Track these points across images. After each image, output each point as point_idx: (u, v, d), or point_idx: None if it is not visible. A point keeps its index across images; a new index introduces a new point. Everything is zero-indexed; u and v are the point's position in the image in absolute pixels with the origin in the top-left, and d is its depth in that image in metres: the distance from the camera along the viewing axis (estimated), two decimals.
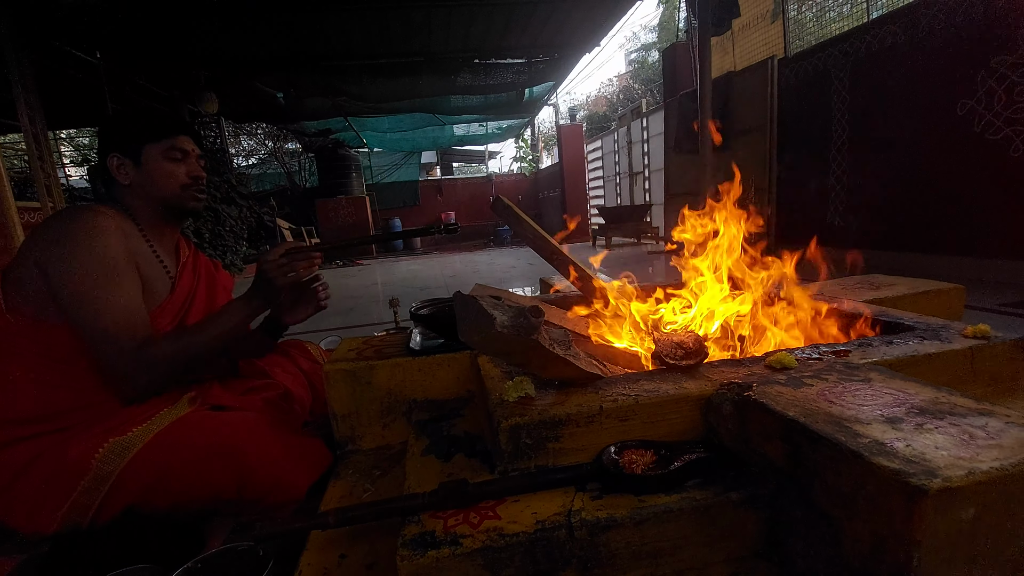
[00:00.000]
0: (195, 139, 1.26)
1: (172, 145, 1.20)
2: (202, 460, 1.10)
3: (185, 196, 1.24)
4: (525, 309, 0.74)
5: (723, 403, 0.86)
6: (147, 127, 1.20)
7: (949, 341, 1.02)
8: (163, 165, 1.20)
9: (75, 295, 1.05)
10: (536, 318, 0.74)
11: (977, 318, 2.53)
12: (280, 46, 6.06)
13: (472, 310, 0.71)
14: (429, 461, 0.97)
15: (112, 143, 1.20)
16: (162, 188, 1.21)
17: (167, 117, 1.23)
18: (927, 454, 0.60)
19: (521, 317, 0.73)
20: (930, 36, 3.15)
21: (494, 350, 0.78)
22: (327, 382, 1.24)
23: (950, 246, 3.26)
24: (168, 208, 1.24)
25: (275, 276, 1.18)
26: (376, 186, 12.24)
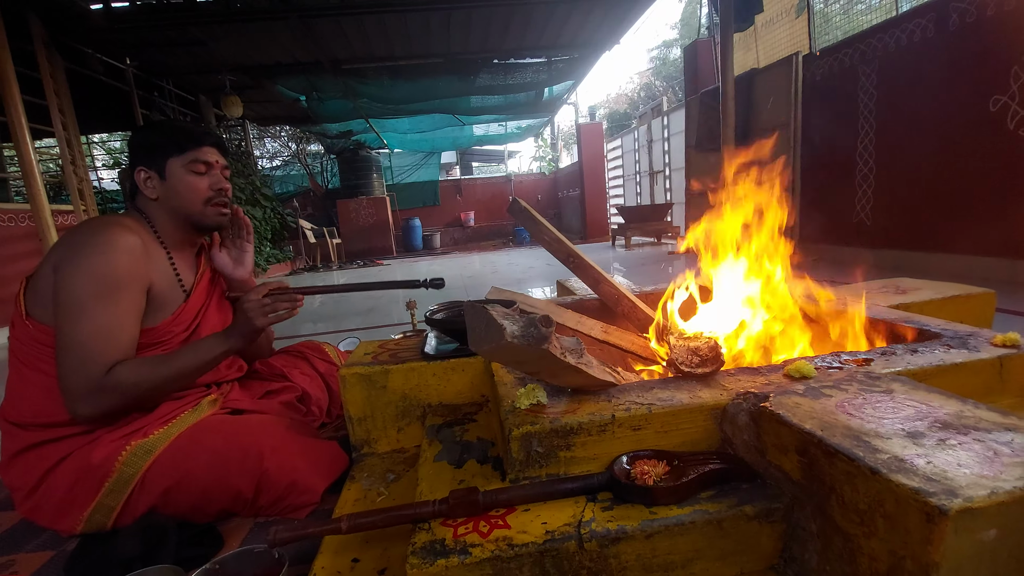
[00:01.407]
0: (220, 149, 1.27)
1: (195, 158, 1.21)
2: (221, 463, 1.12)
3: (209, 212, 1.24)
4: (536, 319, 0.74)
5: (738, 413, 0.85)
6: (170, 140, 1.20)
7: (977, 350, 0.98)
8: (186, 179, 1.21)
9: (68, 301, 1.06)
10: (546, 328, 0.74)
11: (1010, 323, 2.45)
12: (302, 51, 6.15)
13: (482, 320, 0.71)
14: (441, 467, 0.97)
15: (139, 156, 1.21)
16: (186, 203, 1.22)
17: (190, 129, 1.24)
18: (949, 472, 0.58)
19: (531, 327, 0.73)
20: (961, 30, 3.04)
21: (505, 359, 0.78)
22: (343, 386, 1.25)
23: (983, 246, 3.15)
24: (191, 224, 1.25)
25: (256, 316, 1.17)
26: (396, 186, 12.36)
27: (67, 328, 1.05)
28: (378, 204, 10.64)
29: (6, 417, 1.15)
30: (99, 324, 1.06)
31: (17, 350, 1.14)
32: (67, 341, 1.05)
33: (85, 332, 1.05)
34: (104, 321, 1.06)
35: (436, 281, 1.34)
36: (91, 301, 1.05)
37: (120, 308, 1.09)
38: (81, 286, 1.06)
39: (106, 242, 1.09)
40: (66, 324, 1.05)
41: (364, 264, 8.75)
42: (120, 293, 1.09)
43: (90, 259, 1.07)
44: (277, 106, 8.68)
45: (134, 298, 1.12)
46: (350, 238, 10.34)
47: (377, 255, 10.24)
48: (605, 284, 1.78)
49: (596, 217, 10.17)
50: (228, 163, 1.30)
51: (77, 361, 1.04)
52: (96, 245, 1.08)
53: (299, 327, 3.75)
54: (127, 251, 1.10)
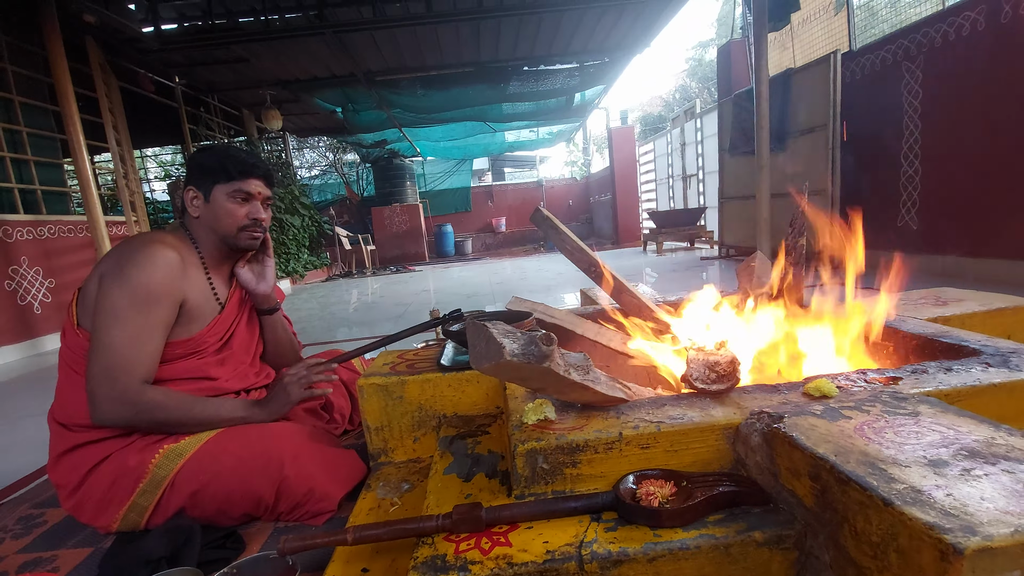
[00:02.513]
0: (267, 181, 1.33)
1: (239, 188, 1.28)
2: (244, 468, 1.16)
3: (241, 236, 1.31)
4: (537, 336, 0.74)
5: (751, 434, 0.82)
6: (221, 168, 1.27)
7: (1019, 369, 0.92)
8: (226, 205, 1.28)
9: (105, 309, 1.13)
10: (547, 346, 0.73)
11: None
12: (338, 64, 6.34)
13: (482, 338, 0.71)
14: (450, 480, 0.98)
15: (192, 176, 1.30)
16: (221, 225, 1.29)
17: (243, 159, 1.30)
18: (969, 506, 0.54)
19: (532, 345, 0.73)
20: (1014, 22, 2.86)
21: (508, 376, 0.78)
22: (360, 396, 1.28)
23: None
24: (226, 244, 1.32)
25: (293, 390, 1.25)
26: (429, 193, 12.55)
27: (101, 333, 1.12)
28: (411, 211, 10.82)
29: (55, 418, 1.23)
30: (130, 332, 1.13)
31: (67, 356, 1.22)
32: (98, 345, 1.12)
33: (117, 339, 1.12)
34: (134, 331, 1.13)
35: (455, 312, 1.39)
36: (126, 310, 1.13)
37: (151, 320, 1.16)
38: (119, 296, 1.13)
39: (146, 257, 1.17)
40: (100, 330, 1.13)
41: (397, 270, 8.91)
42: (153, 306, 1.16)
43: (130, 272, 1.15)
44: (315, 118, 8.97)
45: (165, 312, 1.19)
46: (384, 244, 10.55)
47: (410, 261, 10.41)
48: (626, 294, 1.76)
49: (628, 222, 10.05)
50: (273, 194, 1.36)
51: (106, 365, 1.11)
52: (137, 260, 1.16)
53: (335, 332, 3.85)
54: (165, 266, 1.18)
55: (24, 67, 4.24)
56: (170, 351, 1.22)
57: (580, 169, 13.96)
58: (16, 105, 4.13)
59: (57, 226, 4.32)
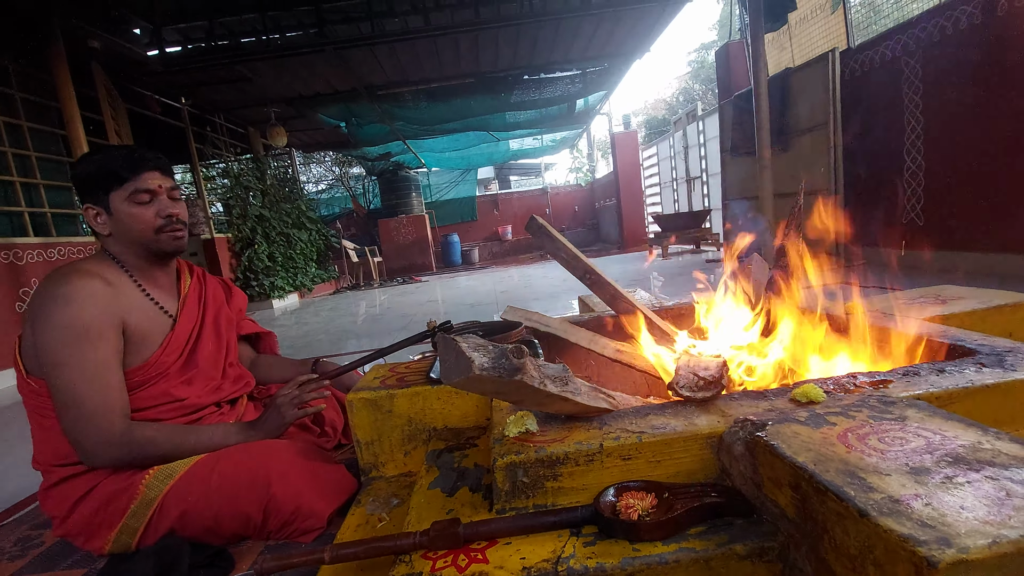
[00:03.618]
0: (164, 171, 1.21)
1: (136, 188, 1.17)
2: (231, 488, 1.16)
3: (162, 239, 1.21)
4: (507, 350, 0.73)
5: (735, 443, 0.80)
6: (107, 173, 1.15)
7: (1014, 369, 0.89)
8: (131, 211, 1.17)
9: (47, 359, 1.08)
10: (518, 358, 0.72)
11: None
12: (340, 80, 6.42)
13: (452, 352, 0.70)
14: (434, 495, 0.96)
15: (83, 193, 1.18)
16: (135, 234, 1.19)
17: (126, 156, 1.17)
18: (948, 516, 0.52)
19: (502, 359, 0.72)
20: (1011, 13, 2.82)
21: (480, 390, 0.77)
22: (349, 411, 1.27)
23: None
24: (149, 252, 1.23)
25: (286, 410, 1.23)
26: (435, 203, 12.62)
27: (58, 384, 1.08)
28: (417, 222, 10.88)
29: (38, 464, 1.21)
30: (85, 374, 1.07)
31: (29, 405, 1.19)
32: (62, 397, 1.08)
33: (75, 384, 1.07)
34: (88, 370, 1.08)
35: (445, 324, 1.38)
36: (68, 355, 1.07)
37: (100, 354, 1.10)
38: (53, 340, 1.07)
39: (65, 294, 1.09)
40: (53, 378, 1.08)
41: (403, 281, 8.94)
42: (95, 340, 1.09)
43: (54, 313, 1.08)
44: (320, 133, 9.08)
45: (110, 342, 1.12)
46: (391, 256, 10.61)
47: (417, 272, 10.45)
48: (622, 300, 1.74)
49: (633, 226, 10.02)
50: (175, 183, 1.24)
51: (79, 414, 1.07)
52: (57, 298, 1.09)
53: (340, 344, 3.86)
54: (88, 297, 1.10)
55: (33, 93, 4.35)
56: (128, 382, 1.17)
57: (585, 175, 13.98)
58: (25, 130, 4.23)
59: (67, 248, 4.39)
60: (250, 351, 1.62)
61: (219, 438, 1.21)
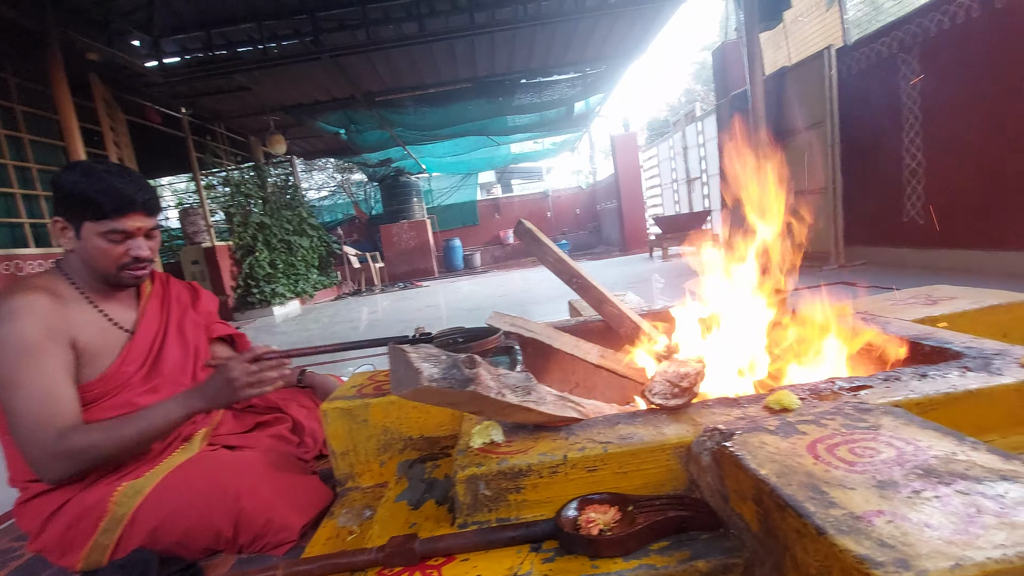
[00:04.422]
0: (149, 211, 1.17)
1: (113, 228, 1.13)
2: (201, 502, 1.14)
3: (122, 276, 1.18)
4: (459, 359, 0.70)
5: (702, 453, 0.77)
6: (89, 204, 1.11)
7: (999, 373, 0.85)
8: (100, 244, 1.14)
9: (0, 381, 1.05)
10: (470, 369, 0.69)
11: None
12: (337, 87, 6.44)
13: (401, 362, 0.68)
14: (399, 508, 0.94)
15: (59, 206, 1.15)
16: (97, 264, 1.17)
17: (115, 194, 1.12)
18: (910, 536, 0.49)
19: (453, 369, 0.69)
20: (1010, 5, 2.77)
21: (434, 401, 0.74)
22: (324, 421, 1.25)
23: None
24: (105, 280, 1.21)
25: (242, 387, 1.13)
26: (436, 208, 12.64)
27: (4, 402, 1.06)
28: (419, 227, 10.89)
29: (13, 482, 1.19)
30: (31, 391, 1.05)
31: None
32: (10, 416, 1.06)
33: (21, 403, 1.04)
34: (35, 387, 1.05)
35: (425, 335, 1.35)
36: (13, 371, 1.05)
37: (44, 370, 1.07)
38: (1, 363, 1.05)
39: (11, 311, 1.07)
40: (2, 398, 1.06)
41: (405, 287, 8.94)
42: (39, 356, 1.07)
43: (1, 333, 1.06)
44: (320, 140, 9.11)
45: (57, 357, 1.09)
46: (393, 261, 10.62)
47: (419, 277, 10.44)
48: (607, 304, 1.71)
49: (634, 228, 9.97)
50: (158, 223, 1.22)
51: (26, 432, 1.05)
52: (2, 316, 1.07)
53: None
54: (30, 313, 1.07)
55: (33, 106, 4.38)
56: (86, 395, 1.14)
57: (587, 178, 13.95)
58: (26, 143, 4.26)
59: None
60: (230, 352, 1.60)
61: (161, 419, 1.13)
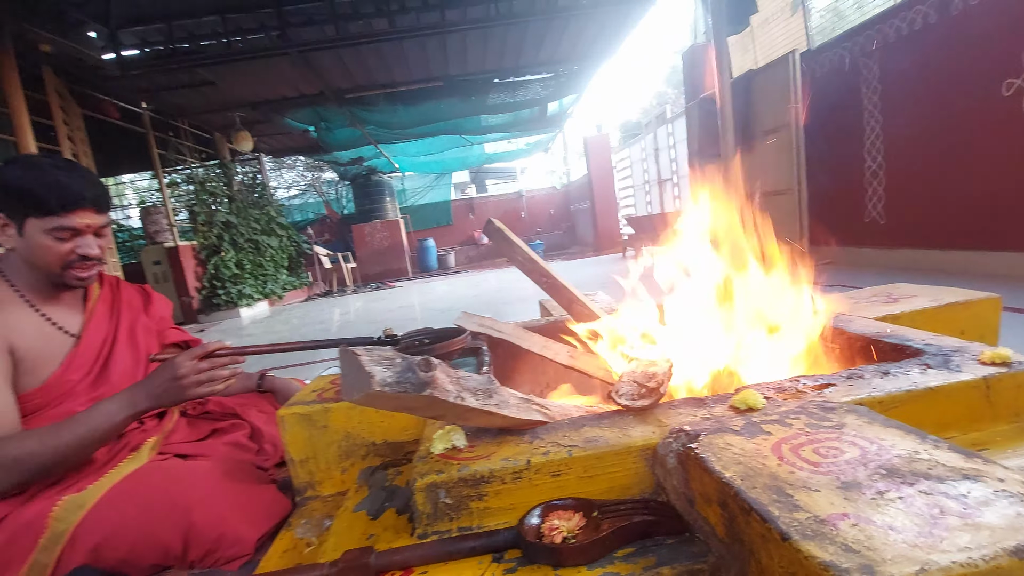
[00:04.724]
0: (99, 208, 1.11)
1: (59, 225, 1.06)
2: (148, 517, 1.07)
3: (66, 275, 1.12)
4: (415, 363, 0.66)
5: (668, 455, 0.75)
6: (33, 199, 1.05)
7: (959, 370, 0.85)
8: (44, 242, 1.07)
9: None
10: (426, 372, 0.66)
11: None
12: (306, 83, 6.29)
13: (353, 366, 0.64)
14: (358, 518, 0.89)
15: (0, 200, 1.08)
16: (40, 263, 1.10)
17: (62, 190, 1.06)
18: (875, 540, 0.47)
19: (408, 372, 0.65)
20: (964, 13, 2.88)
21: (389, 407, 0.70)
22: (281, 427, 1.19)
23: (1004, 241, 2.93)
24: (48, 280, 1.14)
25: (190, 386, 1.06)
26: (410, 208, 12.50)
27: None
28: (392, 227, 10.75)
29: None
30: None
31: None
32: None
33: None
34: None
35: (391, 338, 1.31)
36: None
37: None
38: None
39: None
40: None
41: (377, 287, 8.81)
42: None
43: None
44: (288, 138, 8.91)
45: None
46: (366, 262, 10.45)
47: (393, 277, 10.31)
48: (578, 304, 1.69)
49: (608, 228, 10.05)
50: (108, 220, 1.16)
51: None
52: None
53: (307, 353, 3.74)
54: None
55: None
56: (26, 405, 1.07)
57: (561, 179, 14.01)
58: None
59: None
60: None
61: (103, 421, 1.05)
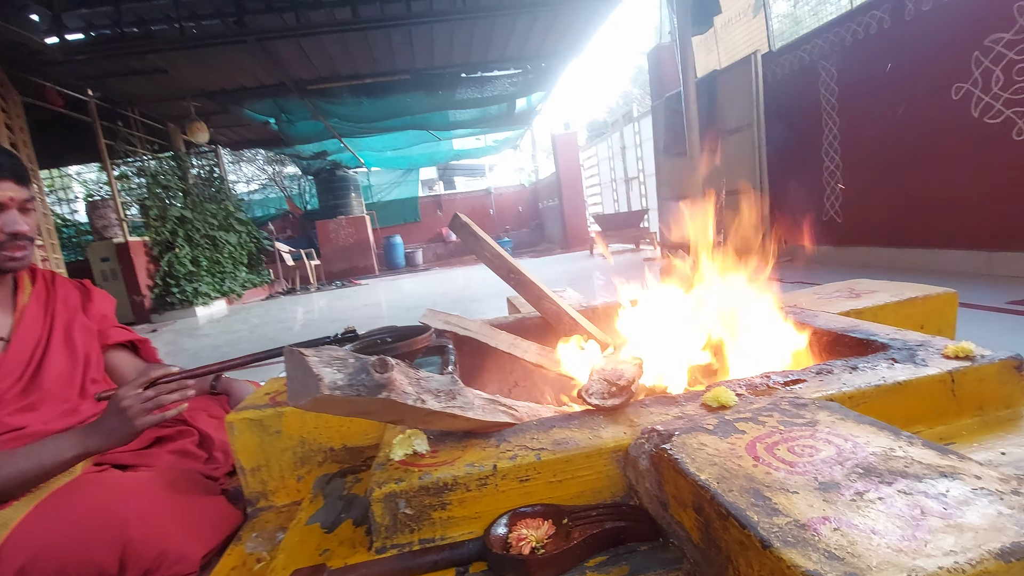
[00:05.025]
0: (19, 180, 1.05)
1: None
2: (79, 535, 0.97)
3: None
4: (369, 363, 0.61)
5: (640, 456, 0.72)
6: None
7: (925, 364, 0.86)
8: None
9: None
10: (382, 373, 0.60)
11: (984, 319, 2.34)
12: (265, 73, 6.06)
13: (299, 368, 0.58)
14: (311, 531, 0.83)
15: None
16: None
17: None
18: (858, 545, 0.45)
19: (362, 374, 0.60)
20: (917, 18, 2.98)
21: (341, 411, 0.65)
22: (230, 434, 1.11)
23: (955, 239, 3.06)
24: None
25: (136, 416, 0.98)
26: (376, 204, 12.26)
27: None
28: (358, 223, 10.52)
29: None
30: None
31: None
32: None
33: None
34: None
35: (348, 334, 1.24)
36: None
37: None
38: None
39: None
40: None
41: (342, 285, 8.60)
42: None
43: None
44: (247, 130, 8.58)
45: None
46: (330, 259, 10.20)
47: (359, 275, 10.09)
48: (546, 301, 1.66)
49: (576, 226, 10.10)
50: (32, 194, 1.08)
51: None
52: None
53: None
54: None
55: None
56: None
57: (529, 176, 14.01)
58: None
59: None
60: (136, 361, 1.42)
61: (51, 457, 0.97)
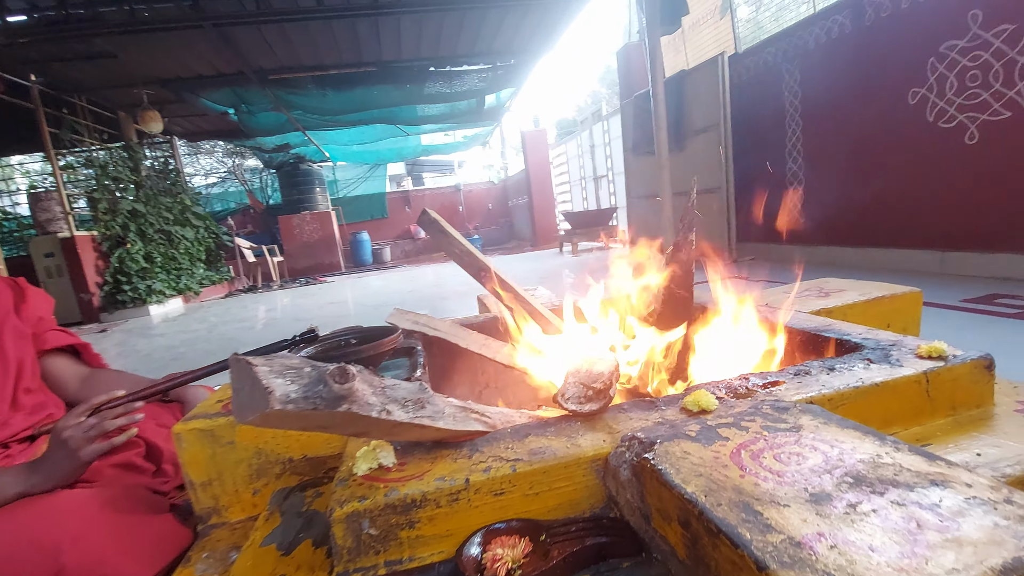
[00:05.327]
0: None
1: None
2: (7, 564, 0.88)
3: None
4: (327, 372, 0.55)
5: (621, 466, 0.68)
6: None
7: (900, 364, 0.85)
8: None
9: None
10: (341, 383, 0.55)
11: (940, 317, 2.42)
12: (223, 61, 5.80)
13: (247, 379, 0.52)
14: (265, 554, 0.77)
15: None
16: None
17: None
18: (857, 564, 0.42)
19: (318, 385, 0.54)
20: (876, 24, 3.07)
21: (296, 426, 0.59)
22: (178, 445, 1.02)
23: (912, 240, 3.17)
24: None
25: (80, 447, 0.93)
26: (342, 200, 11.97)
27: None
28: (323, 219, 10.25)
29: None
30: None
31: None
32: None
33: None
34: None
35: (307, 335, 1.17)
36: None
37: None
38: None
39: None
40: None
41: (307, 282, 8.36)
42: None
43: None
44: (205, 120, 8.23)
45: None
46: (295, 255, 9.90)
47: (324, 272, 9.83)
48: (518, 300, 1.62)
49: (545, 224, 10.11)
50: None
51: None
52: None
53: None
54: None
55: None
56: None
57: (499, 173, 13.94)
58: None
59: None
60: (78, 367, 1.31)
61: None
